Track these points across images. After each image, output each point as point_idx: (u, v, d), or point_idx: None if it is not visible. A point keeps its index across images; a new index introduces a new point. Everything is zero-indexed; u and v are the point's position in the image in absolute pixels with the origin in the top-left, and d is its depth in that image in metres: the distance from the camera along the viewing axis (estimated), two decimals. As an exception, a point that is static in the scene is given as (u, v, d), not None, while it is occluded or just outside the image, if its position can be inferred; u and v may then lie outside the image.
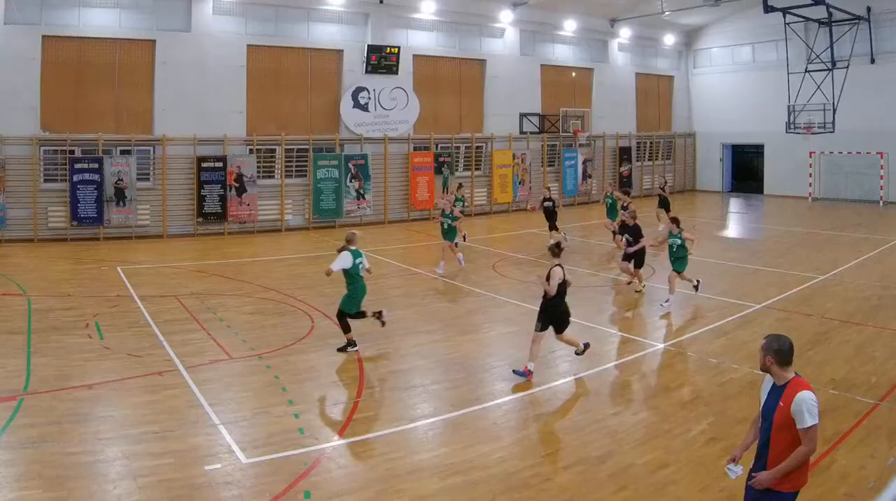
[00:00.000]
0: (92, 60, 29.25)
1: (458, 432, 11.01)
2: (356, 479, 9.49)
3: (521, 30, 40.44)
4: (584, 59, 43.80)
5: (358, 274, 14.70)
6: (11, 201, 27.63)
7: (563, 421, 11.69)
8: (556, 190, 39.79)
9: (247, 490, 9.04)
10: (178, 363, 13.80)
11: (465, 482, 9.33)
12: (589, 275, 22.97)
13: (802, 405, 6.38)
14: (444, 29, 37.95)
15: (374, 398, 12.58)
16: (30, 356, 14.05)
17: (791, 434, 6.47)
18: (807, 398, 6.42)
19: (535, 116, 41.19)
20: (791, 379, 6.63)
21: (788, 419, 6.46)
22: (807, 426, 6.36)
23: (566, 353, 14.74)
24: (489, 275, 22.76)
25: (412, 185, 36.20)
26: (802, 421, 6.38)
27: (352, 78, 34.86)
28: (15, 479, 9.15)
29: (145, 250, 27.30)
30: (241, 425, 11.05)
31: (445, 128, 37.93)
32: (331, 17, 34.51)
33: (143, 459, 9.73)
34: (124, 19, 29.76)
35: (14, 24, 27.57)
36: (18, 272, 22.43)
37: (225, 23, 31.79)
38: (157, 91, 30.42)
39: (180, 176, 30.72)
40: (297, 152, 33.52)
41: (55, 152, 28.79)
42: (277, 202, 32.77)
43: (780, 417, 6.52)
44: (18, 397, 11.80)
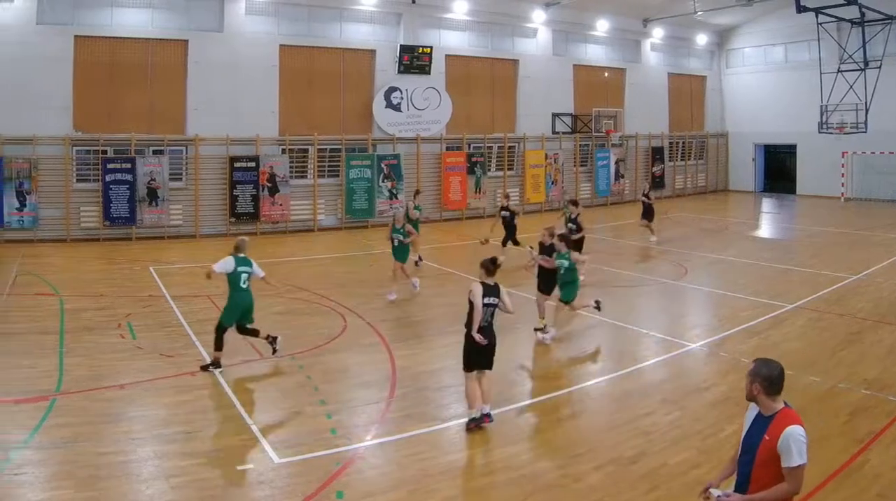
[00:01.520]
0: (124, 60, 28.26)
1: (490, 432, 10.61)
2: (388, 479, 9.24)
3: (553, 30, 39.03)
4: (616, 59, 42.29)
5: (240, 284, 13.22)
6: (44, 201, 26.71)
7: (595, 422, 11.31)
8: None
9: (279, 491, 8.84)
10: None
11: (496, 482, 9.15)
12: (620, 275, 22.10)
13: (791, 441, 5.60)
14: (476, 29, 36.61)
15: (406, 398, 12.08)
16: (62, 356, 13.66)
17: (775, 470, 5.73)
18: (796, 434, 5.63)
19: (567, 116, 39.74)
20: (780, 410, 5.82)
21: (773, 454, 5.71)
22: (794, 465, 5.60)
23: (599, 353, 14.54)
24: (521, 275, 21.08)
25: (445, 185, 34.91)
26: (789, 459, 5.61)
27: (384, 78, 33.69)
28: (47, 479, 8.97)
29: (178, 250, 26.44)
30: (274, 425, 10.85)
31: (478, 128, 36.59)
32: (363, 17, 33.34)
33: (176, 459, 9.53)
34: (156, 19, 28.77)
35: (46, 24, 26.69)
36: (51, 272, 21.79)
37: (257, 23, 30.73)
38: (189, 91, 29.43)
39: (213, 176, 29.70)
40: (330, 152, 32.36)
41: (87, 152, 27.87)
42: (310, 202, 31.69)
43: (764, 452, 5.78)
44: (51, 397, 11.51)
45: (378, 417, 11.24)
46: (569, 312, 15.62)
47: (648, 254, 25.83)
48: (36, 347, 14.24)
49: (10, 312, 17.00)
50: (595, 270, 21.98)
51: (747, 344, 14.78)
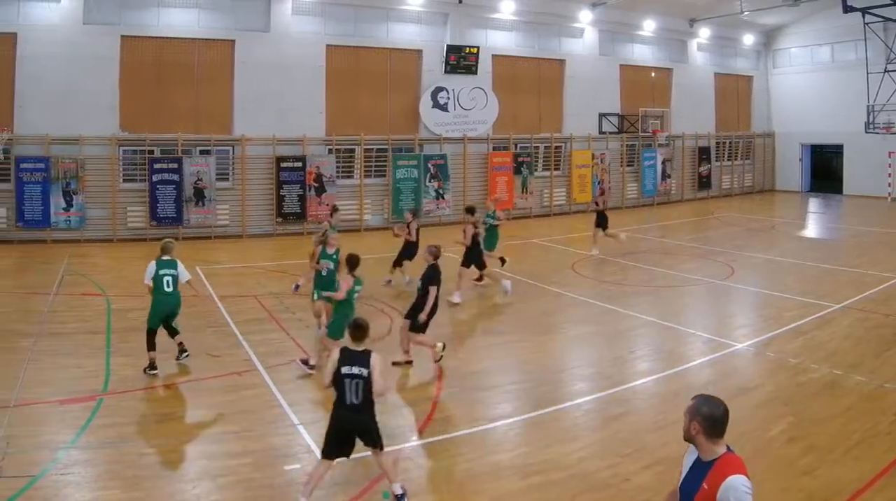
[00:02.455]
0: (171, 60, 27.01)
1: (538, 432, 10.38)
2: (435, 479, 9.05)
3: (599, 30, 37.01)
4: (663, 59, 40.13)
5: (162, 287, 12.53)
6: (91, 201, 25.53)
7: (643, 421, 10.74)
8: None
9: (325, 490, 8.48)
10: (257, 363, 12.99)
11: (545, 482, 8.80)
12: (667, 275, 21.08)
13: (731, 494, 4.71)
14: (523, 29, 34.77)
15: (452, 398, 11.73)
16: (109, 356, 13.26)
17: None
18: (739, 484, 4.74)
19: (614, 116, 37.75)
20: (721, 455, 4.96)
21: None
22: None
23: (646, 353, 14.04)
24: (568, 275, 20.97)
25: (491, 185, 33.10)
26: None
27: (431, 78, 32.07)
28: (94, 479, 8.70)
29: (224, 250, 25.18)
30: (320, 425, 9.75)
31: (524, 128, 34.79)
32: (410, 17, 31.77)
33: (222, 459, 9.27)
34: (203, 19, 27.47)
35: (93, 24, 25.50)
36: (97, 272, 20.92)
37: (304, 23, 29.31)
38: (236, 91, 28.08)
39: (259, 176, 28.34)
40: (377, 152, 30.85)
41: (134, 152, 26.66)
42: (356, 202, 30.14)
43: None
44: (98, 397, 11.18)
45: (425, 417, 10.84)
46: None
47: (695, 254, 24.51)
48: (83, 347, 13.77)
49: (58, 312, 16.34)
50: (641, 270, 21.53)
51: (793, 344, 14.24)
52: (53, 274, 20.11)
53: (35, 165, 24.78)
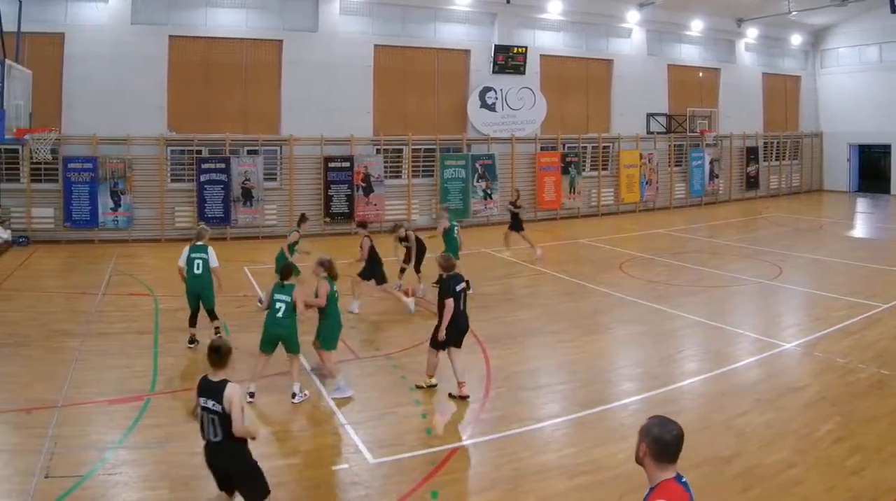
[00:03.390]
0: (219, 60, 25.44)
1: (585, 432, 9.89)
2: (483, 479, 8.66)
3: (647, 30, 34.61)
4: (710, 59, 37.54)
5: (193, 269, 12.95)
6: (139, 201, 24.03)
7: (690, 421, 9.56)
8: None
9: (374, 490, 8.25)
10: (305, 363, 12.01)
11: (592, 482, 8.42)
12: (715, 275, 19.91)
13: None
14: (570, 29, 32.58)
15: (501, 398, 11.08)
16: (156, 356, 12.67)
17: None
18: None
19: (661, 116, 35.32)
20: (660, 482, 4.32)
21: None
22: None
23: (694, 353, 13.29)
24: (616, 275, 19.83)
25: (539, 185, 31.12)
26: None
27: (479, 78, 30.07)
28: (141, 479, 8.38)
29: (272, 250, 22.85)
30: (369, 425, 9.98)
31: (572, 128, 32.56)
32: (458, 17, 29.80)
33: (271, 459, 8.64)
34: (251, 19, 25.85)
35: (141, 24, 24.03)
36: (145, 272, 19.79)
37: (352, 23, 27.55)
38: (284, 91, 26.40)
39: (307, 176, 26.62)
40: (424, 152, 29.01)
41: (182, 152, 25.08)
42: (404, 202, 28.32)
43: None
44: (145, 397, 10.72)
45: (473, 417, 10.34)
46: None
47: (743, 254, 22.98)
48: (130, 347, 13.17)
49: (105, 312, 15.56)
50: (689, 270, 20.49)
51: (842, 344, 13.56)
52: (101, 275, 19.22)
53: (83, 165, 23.34)
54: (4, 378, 11.38)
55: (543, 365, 12.65)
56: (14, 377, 11.40)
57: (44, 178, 23.53)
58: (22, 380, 11.26)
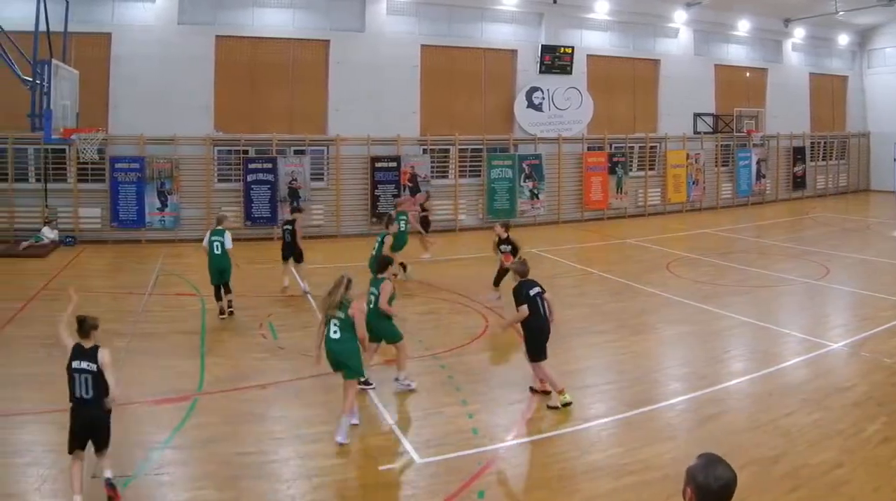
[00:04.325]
0: (265, 60, 23.65)
1: (632, 432, 9.17)
2: (529, 479, 8.09)
3: (694, 30, 31.97)
4: (757, 59, 34.71)
5: (213, 250, 14.22)
6: (185, 201, 22.38)
7: (737, 421, 9.50)
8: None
9: (421, 490, 7.64)
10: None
11: (639, 482, 7.70)
12: (762, 275, 18.56)
13: None
14: (617, 29, 30.17)
15: (547, 398, 10.09)
16: (203, 356, 11.93)
17: None
18: None
19: (708, 116, 32.68)
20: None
21: None
22: None
23: (741, 353, 12.49)
24: (663, 275, 18.57)
25: (586, 185, 28.89)
26: None
27: (525, 78, 27.87)
28: (189, 479, 7.82)
29: (319, 250, 21.46)
30: (415, 425, 9.45)
31: (619, 128, 30.17)
32: (504, 17, 27.61)
33: (317, 459, 8.28)
34: (298, 19, 24.02)
35: (187, 24, 22.45)
36: (192, 272, 18.25)
37: (399, 23, 25.58)
38: (330, 91, 24.49)
39: (354, 176, 24.69)
40: (471, 152, 26.93)
41: (229, 152, 23.34)
42: (451, 202, 26.26)
43: None
44: (192, 397, 10.09)
45: (519, 417, 9.67)
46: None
47: (790, 254, 21.48)
48: (177, 347, 12.45)
49: (152, 312, 14.67)
50: (736, 270, 19.16)
51: (889, 344, 12.74)
52: (148, 275, 18.07)
53: (129, 165, 21.76)
54: (51, 378, 10.24)
55: (590, 365, 11.84)
56: (62, 377, 10.78)
57: (91, 178, 21.99)
58: None
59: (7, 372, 10.88)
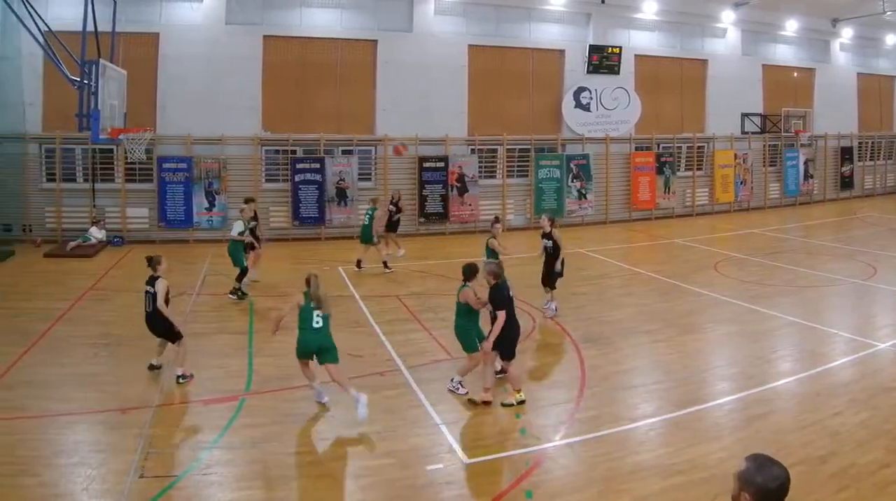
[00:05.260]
0: (313, 60, 21.61)
1: (680, 432, 8.28)
2: (577, 479, 7.23)
3: (742, 30, 29.11)
4: (805, 59, 31.59)
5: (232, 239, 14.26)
6: (234, 201, 20.26)
7: (784, 421, 8.52)
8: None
9: (468, 490, 7.06)
10: (400, 363, 10.69)
11: (686, 482, 7.01)
12: (810, 275, 17.09)
13: None
14: (665, 29, 27.47)
15: (595, 398, 9.41)
16: (251, 356, 10.99)
17: None
18: None
19: (756, 116, 29.77)
20: None
21: None
22: None
23: (789, 353, 11.33)
24: (711, 275, 17.11)
25: (634, 185, 26.45)
26: None
27: (573, 78, 25.38)
28: (236, 479, 7.12)
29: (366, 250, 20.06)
30: (463, 425, 8.55)
31: (667, 128, 27.49)
32: (552, 17, 25.16)
33: (365, 459, 7.64)
34: (346, 19, 21.94)
35: (235, 24, 20.65)
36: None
37: (446, 23, 23.32)
38: (378, 91, 22.37)
39: (402, 176, 22.48)
40: (519, 152, 24.62)
41: (276, 152, 21.32)
42: (499, 202, 23.95)
43: None
44: (240, 397, 9.27)
45: (567, 417, 8.82)
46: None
47: (838, 254, 19.76)
48: (225, 347, 11.52)
49: (200, 312, 13.49)
50: (784, 270, 17.61)
51: None
52: (196, 275, 16.63)
53: (177, 165, 19.93)
54: (99, 378, 9.91)
55: (638, 365, 10.98)
56: (109, 377, 9.94)
57: (138, 178, 20.20)
58: (117, 380, 9.77)
59: (54, 371, 10.04)
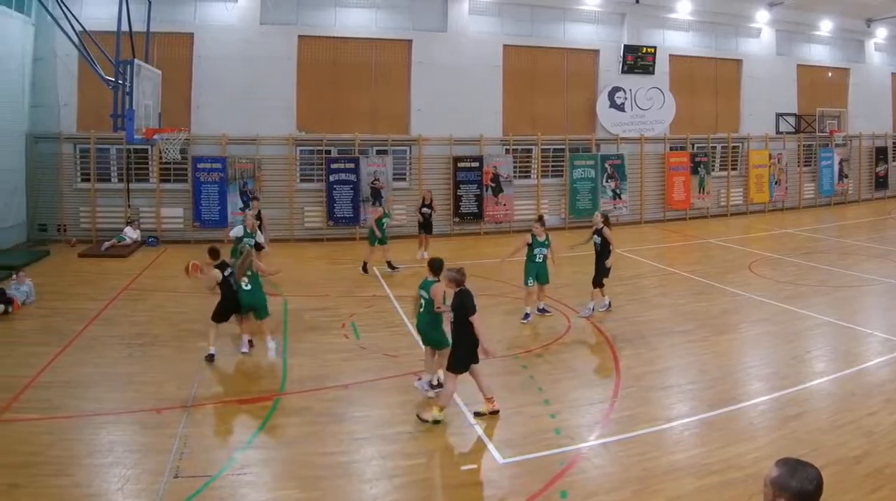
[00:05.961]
0: (347, 60, 20.08)
1: (714, 432, 7.58)
2: (612, 479, 6.59)
3: (777, 30, 26.97)
4: (839, 59, 29.32)
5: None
6: (268, 201, 18.76)
7: (819, 421, 7.77)
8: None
9: (503, 491, 6.52)
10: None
11: (721, 482, 6.43)
12: (845, 275, 15.86)
13: None
14: (699, 29, 25.47)
15: (630, 397, 8.54)
16: (286, 356, 10.06)
17: None
18: None
19: (790, 116, 27.67)
20: None
21: None
22: None
23: (823, 353, 10.38)
24: (746, 275, 15.95)
25: (668, 185, 24.56)
26: None
27: (607, 78, 23.58)
28: (271, 479, 6.65)
29: (401, 250, 17.88)
30: (497, 425, 7.81)
31: (701, 128, 25.50)
32: (587, 18, 23.38)
33: (399, 459, 6.99)
34: (380, 19, 20.40)
35: (270, 24, 19.33)
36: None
37: (481, 23, 21.66)
38: (413, 91, 20.80)
39: (436, 176, 20.89)
40: (553, 152, 22.93)
41: (311, 152, 19.84)
42: (533, 202, 22.25)
43: None
44: (274, 397, 8.54)
45: (602, 417, 8.00)
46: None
47: (872, 254, 18.30)
48: (259, 347, 10.41)
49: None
50: (819, 270, 16.45)
51: None
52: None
53: (212, 165, 18.56)
54: (134, 377, 9.32)
55: (673, 365, 10.16)
56: (144, 376, 9.35)
57: (173, 179, 18.86)
58: (152, 380, 9.16)
59: (89, 371, 9.42)
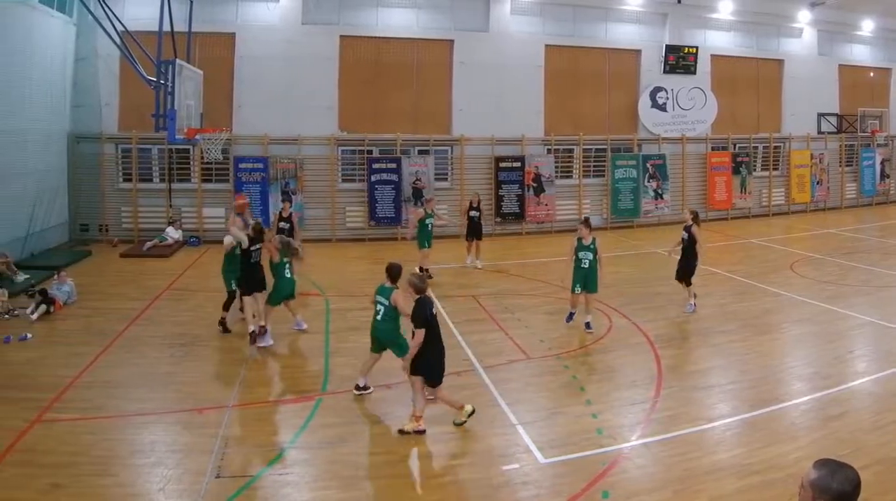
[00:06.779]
0: (389, 60, 18.38)
1: (756, 432, 6.86)
2: (654, 479, 6.03)
3: (818, 30, 24.57)
4: (881, 59, 26.68)
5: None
6: (310, 201, 17.41)
7: (861, 421, 7.06)
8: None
9: (545, 490, 5.90)
10: (476, 362, 8.90)
11: (763, 482, 5.86)
12: (887, 275, 14.47)
13: None
14: (741, 29, 23.21)
15: (671, 398, 7.76)
16: (328, 356, 9.24)
17: None
18: None
19: (832, 116, 25.37)
20: None
21: None
22: None
23: (865, 353, 9.35)
24: (787, 275, 14.71)
25: (710, 185, 22.35)
26: None
27: (649, 77, 21.53)
28: (313, 479, 6.08)
29: (443, 250, 16.35)
30: (539, 425, 7.11)
31: (743, 128, 23.27)
32: (628, 18, 21.35)
33: (441, 459, 6.48)
34: (422, 19, 18.68)
35: (312, 24, 17.84)
36: (316, 272, 14.35)
37: (523, 23, 19.80)
38: (454, 91, 18.98)
39: (478, 176, 19.04)
40: (595, 152, 21.03)
41: (353, 152, 18.19)
42: (575, 202, 20.36)
43: None
44: (316, 397, 7.82)
45: (644, 417, 7.25)
46: None
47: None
48: (302, 347, 9.82)
49: (277, 312, 10.98)
50: (861, 270, 15.03)
51: None
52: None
53: (254, 165, 17.02)
54: (176, 377, 8.53)
55: (714, 365, 9.22)
56: (185, 377, 8.58)
57: (215, 178, 17.32)
58: (193, 380, 8.38)
59: (131, 371, 8.70)
